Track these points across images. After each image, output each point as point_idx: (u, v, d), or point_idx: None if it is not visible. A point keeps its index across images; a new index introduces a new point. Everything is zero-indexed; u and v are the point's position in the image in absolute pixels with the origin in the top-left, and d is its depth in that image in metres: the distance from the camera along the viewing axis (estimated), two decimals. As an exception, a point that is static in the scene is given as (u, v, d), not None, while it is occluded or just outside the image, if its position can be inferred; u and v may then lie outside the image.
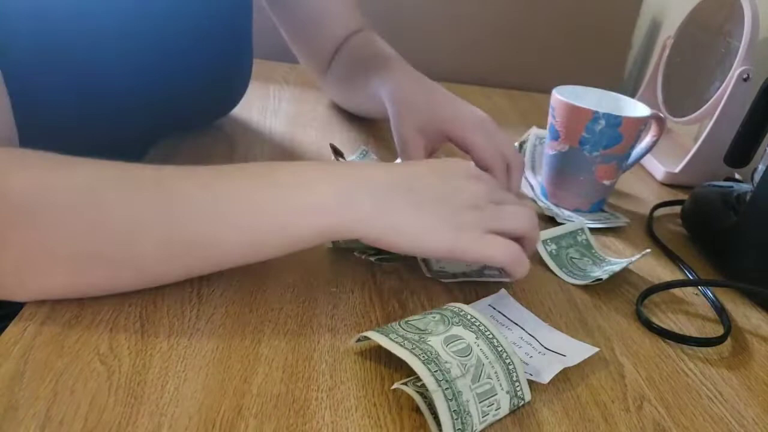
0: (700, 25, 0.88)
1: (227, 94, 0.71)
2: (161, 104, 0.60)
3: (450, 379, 0.36)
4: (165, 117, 0.63)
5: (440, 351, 0.37)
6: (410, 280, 0.51)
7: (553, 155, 0.67)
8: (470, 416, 0.36)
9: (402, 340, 0.38)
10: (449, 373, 0.36)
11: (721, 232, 0.61)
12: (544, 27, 1.13)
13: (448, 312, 0.41)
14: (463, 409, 0.35)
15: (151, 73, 0.58)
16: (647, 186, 0.81)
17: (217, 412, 0.36)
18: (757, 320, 0.55)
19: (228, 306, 0.44)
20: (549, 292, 0.53)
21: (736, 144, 0.67)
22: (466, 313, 0.41)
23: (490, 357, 0.38)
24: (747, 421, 0.42)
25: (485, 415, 0.37)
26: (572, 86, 0.69)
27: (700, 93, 0.82)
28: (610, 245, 0.63)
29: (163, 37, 0.58)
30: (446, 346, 0.38)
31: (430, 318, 0.41)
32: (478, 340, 0.39)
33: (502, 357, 0.39)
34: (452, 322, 0.40)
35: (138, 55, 0.56)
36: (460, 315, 0.41)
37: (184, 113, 0.57)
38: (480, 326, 0.40)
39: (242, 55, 0.69)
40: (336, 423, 0.36)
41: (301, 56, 0.81)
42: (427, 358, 0.36)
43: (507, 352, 0.39)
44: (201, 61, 0.62)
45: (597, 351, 0.45)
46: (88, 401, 0.35)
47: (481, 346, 0.39)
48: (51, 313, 0.41)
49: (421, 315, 0.41)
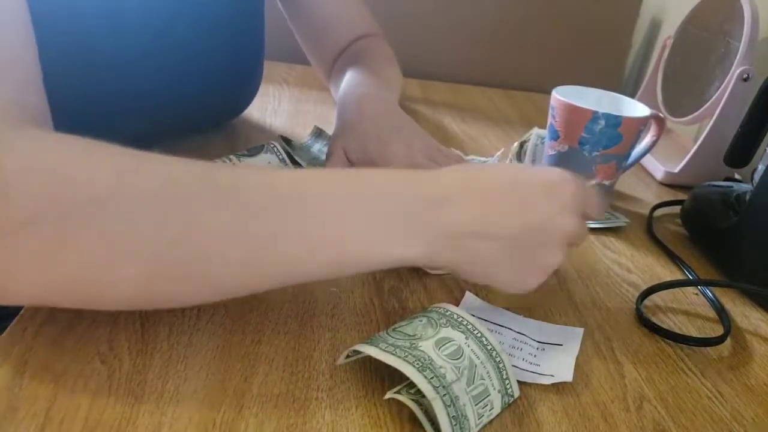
0: (700, 25, 0.88)
1: (239, 96, 0.72)
2: (176, 104, 0.60)
3: (446, 384, 0.36)
4: (178, 118, 0.63)
5: (433, 356, 0.37)
6: (410, 279, 0.51)
7: (553, 155, 0.67)
8: (467, 420, 0.36)
9: (393, 348, 0.37)
10: (445, 378, 0.36)
11: (721, 232, 0.61)
12: (544, 27, 1.13)
13: (434, 314, 0.41)
14: (460, 413, 0.35)
15: (172, 73, 0.58)
16: (647, 186, 0.81)
17: (217, 412, 0.36)
18: (757, 320, 0.55)
19: (228, 306, 0.44)
20: (549, 291, 0.53)
21: (736, 144, 0.67)
22: (453, 313, 0.40)
23: (481, 357, 0.38)
24: (747, 421, 0.42)
25: (480, 417, 0.37)
26: (572, 86, 0.69)
27: (699, 93, 0.82)
28: (610, 245, 0.63)
29: (186, 38, 0.58)
30: (438, 349, 0.37)
31: (417, 322, 0.40)
32: (468, 340, 0.39)
33: (492, 355, 0.39)
34: (440, 324, 0.39)
35: (162, 55, 0.56)
36: (447, 315, 0.40)
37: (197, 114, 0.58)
38: (468, 325, 0.40)
39: (255, 57, 0.69)
40: (336, 423, 0.36)
41: (311, 60, 0.82)
42: (422, 365, 0.36)
43: (496, 350, 0.39)
44: (216, 62, 0.63)
45: (583, 330, 0.47)
46: (88, 401, 0.35)
47: (471, 346, 0.38)
48: (51, 313, 0.41)
49: (407, 320, 0.41)
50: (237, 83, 0.68)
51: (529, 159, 0.75)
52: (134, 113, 0.56)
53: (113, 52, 0.52)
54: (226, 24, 0.62)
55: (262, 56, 0.71)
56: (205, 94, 0.63)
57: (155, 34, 0.55)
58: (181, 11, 0.57)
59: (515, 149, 0.78)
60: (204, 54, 0.61)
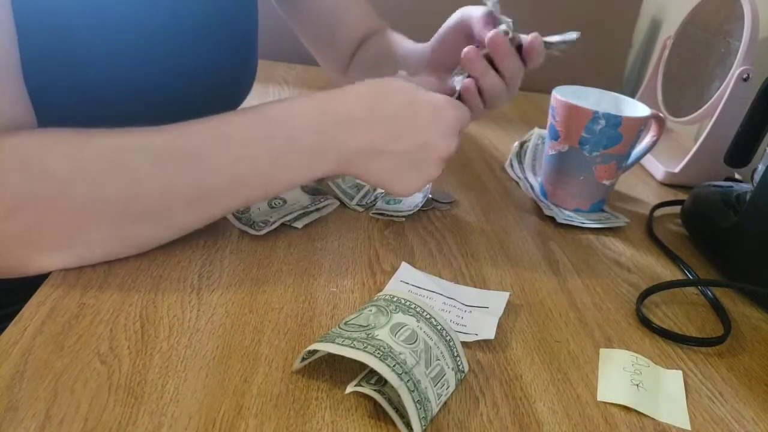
0: (700, 25, 0.88)
1: (233, 93, 0.71)
2: (167, 103, 0.60)
3: (408, 370, 0.36)
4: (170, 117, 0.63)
5: (391, 343, 0.37)
6: (410, 280, 0.51)
7: (553, 155, 0.67)
8: (429, 402, 0.36)
9: (350, 341, 0.37)
10: (405, 364, 0.36)
11: (721, 232, 0.61)
12: (544, 27, 1.12)
13: (382, 302, 0.41)
14: (423, 397, 0.36)
15: (158, 71, 0.58)
16: (647, 186, 0.81)
17: (217, 412, 0.36)
18: (757, 320, 0.55)
19: (228, 306, 0.44)
20: (549, 291, 0.53)
21: (736, 144, 0.67)
22: (400, 299, 0.41)
23: (433, 338, 0.39)
24: (747, 421, 0.42)
25: (439, 397, 0.38)
26: (572, 86, 0.69)
27: (700, 93, 0.82)
28: (610, 245, 0.63)
29: (170, 34, 0.57)
30: (394, 336, 0.38)
31: (367, 312, 0.40)
32: (420, 323, 0.39)
33: (443, 335, 0.40)
34: (390, 311, 0.40)
35: (146, 53, 0.56)
36: (395, 302, 0.41)
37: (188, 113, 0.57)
38: (417, 308, 0.40)
39: (248, 54, 0.69)
40: (336, 423, 0.36)
41: (320, 58, 0.82)
42: (383, 354, 0.36)
43: (446, 329, 0.40)
44: (207, 59, 0.62)
45: (509, 294, 0.50)
46: (88, 401, 0.35)
47: (423, 328, 0.39)
48: (51, 313, 0.41)
49: (356, 313, 0.41)
50: (225, 80, 0.67)
51: (529, 159, 0.76)
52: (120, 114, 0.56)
53: (92, 52, 0.52)
54: (210, 20, 0.61)
55: (255, 55, 0.71)
56: (193, 92, 0.62)
57: (136, 31, 0.54)
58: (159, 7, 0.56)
59: (515, 149, 0.78)
60: (189, 51, 0.60)
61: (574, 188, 0.67)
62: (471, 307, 0.48)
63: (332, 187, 0.62)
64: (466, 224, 0.62)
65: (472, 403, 0.40)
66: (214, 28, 0.62)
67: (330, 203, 0.59)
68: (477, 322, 0.47)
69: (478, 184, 0.73)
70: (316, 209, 0.57)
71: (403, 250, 0.56)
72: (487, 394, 0.40)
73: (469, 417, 0.38)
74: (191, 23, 0.59)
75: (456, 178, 0.73)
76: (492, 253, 0.58)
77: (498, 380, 0.42)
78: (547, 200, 0.69)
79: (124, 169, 0.43)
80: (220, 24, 0.62)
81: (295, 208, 0.56)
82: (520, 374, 0.43)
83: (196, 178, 0.45)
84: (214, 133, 0.46)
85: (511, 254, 0.58)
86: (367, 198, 0.63)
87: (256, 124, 0.47)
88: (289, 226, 0.56)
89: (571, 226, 0.65)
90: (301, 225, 0.56)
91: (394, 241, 0.57)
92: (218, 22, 0.62)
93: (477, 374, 0.42)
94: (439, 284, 0.51)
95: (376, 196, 0.63)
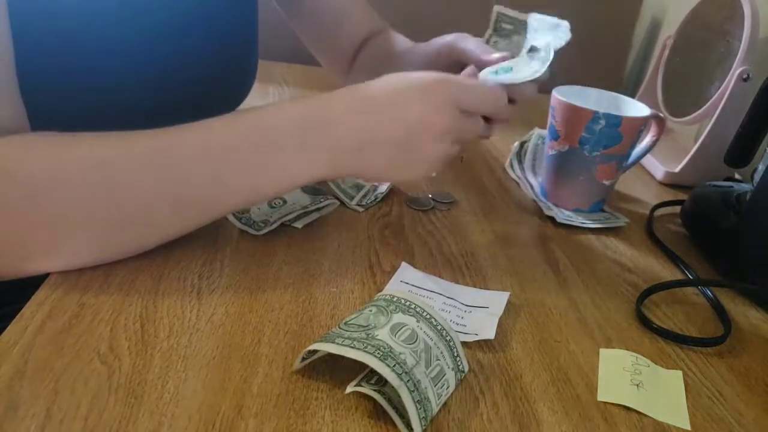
0: (700, 25, 0.88)
1: (233, 93, 0.71)
2: (165, 103, 0.60)
3: (408, 370, 0.36)
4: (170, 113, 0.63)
5: (391, 343, 0.37)
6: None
7: (553, 155, 0.67)
8: (429, 402, 0.36)
9: (351, 341, 0.37)
10: (405, 364, 0.36)
11: (721, 232, 0.61)
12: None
13: (382, 302, 0.41)
14: (423, 397, 0.36)
15: (156, 71, 0.58)
16: (647, 186, 0.81)
17: (217, 412, 0.36)
18: (757, 320, 0.55)
19: (228, 306, 0.44)
20: (549, 291, 0.53)
21: (736, 144, 0.67)
22: (400, 299, 0.41)
23: (433, 338, 0.39)
24: (747, 421, 0.42)
25: (439, 397, 0.38)
26: (572, 86, 0.69)
27: (700, 93, 0.82)
28: (610, 245, 0.63)
29: (170, 34, 0.57)
30: (395, 336, 0.38)
31: (367, 312, 0.40)
32: (420, 323, 0.39)
33: (443, 335, 0.40)
34: (390, 311, 0.40)
35: (145, 52, 0.56)
36: (395, 302, 0.41)
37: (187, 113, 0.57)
38: (417, 308, 0.40)
39: (248, 54, 0.69)
40: (336, 423, 0.36)
41: (322, 58, 0.82)
42: (383, 354, 0.36)
43: (446, 329, 0.40)
44: (207, 60, 0.62)
45: (509, 294, 0.50)
46: (88, 401, 0.35)
47: (423, 328, 0.39)
48: (51, 313, 0.41)
49: (356, 312, 0.41)
50: (226, 73, 0.67)
51: (529, 159, 0.76)
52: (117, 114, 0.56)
53: (89, 42, 0.51)
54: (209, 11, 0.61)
55: (255, 48, 0.70)
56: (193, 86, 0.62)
57: (132, 23, 0.54)
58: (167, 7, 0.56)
59: (515, 149, 0.78)
60: (189, 42, 0.60)
61: (574, 188, 0.67)
62: (471, 307, 0.48)
63: (332, 187, 0.62)
64: (466, 224, 0.62)
65: (472, 403, 0.40)
66: (214, 28, 0.62)
67: (330, 203, 0.59)
68: (477, 322, 0.47)
69: (478, 184, 0.73)
70: (316, 209, 0.57)
71: (403, 250, 0.56)
72: (487, 394, 0.40)
73: (469, 417, 0.38)
74: (190, 23, 0.59)
75: (456, 178, 0.73)
76: (492, 253, 0.58)
77: (498, 380, 0.42)
78: (547, 200, 0.69)
79: (105, 176, 0.43)
80: (220, 24, 0.62)
81: (295, 208, 0.56)
82: (520, 374, 0.43)
83: (178, 185, 0.45)
84: (196, 139, 0.45)
85: (511, 254, 0.58)
86: (367, 198, 0.63)
87: (239, 130, 0.46)
88: (289, 226, 0.56)
89: (571, 226, 0.65)
90: (301, 225, 0.56)
91: (394, 241, 0.57)
92: (218, 22, 0.62)
93: (477, 374, 0.42)
94: (439, 284, 0.51)
95: (376, 196, 0.63)
